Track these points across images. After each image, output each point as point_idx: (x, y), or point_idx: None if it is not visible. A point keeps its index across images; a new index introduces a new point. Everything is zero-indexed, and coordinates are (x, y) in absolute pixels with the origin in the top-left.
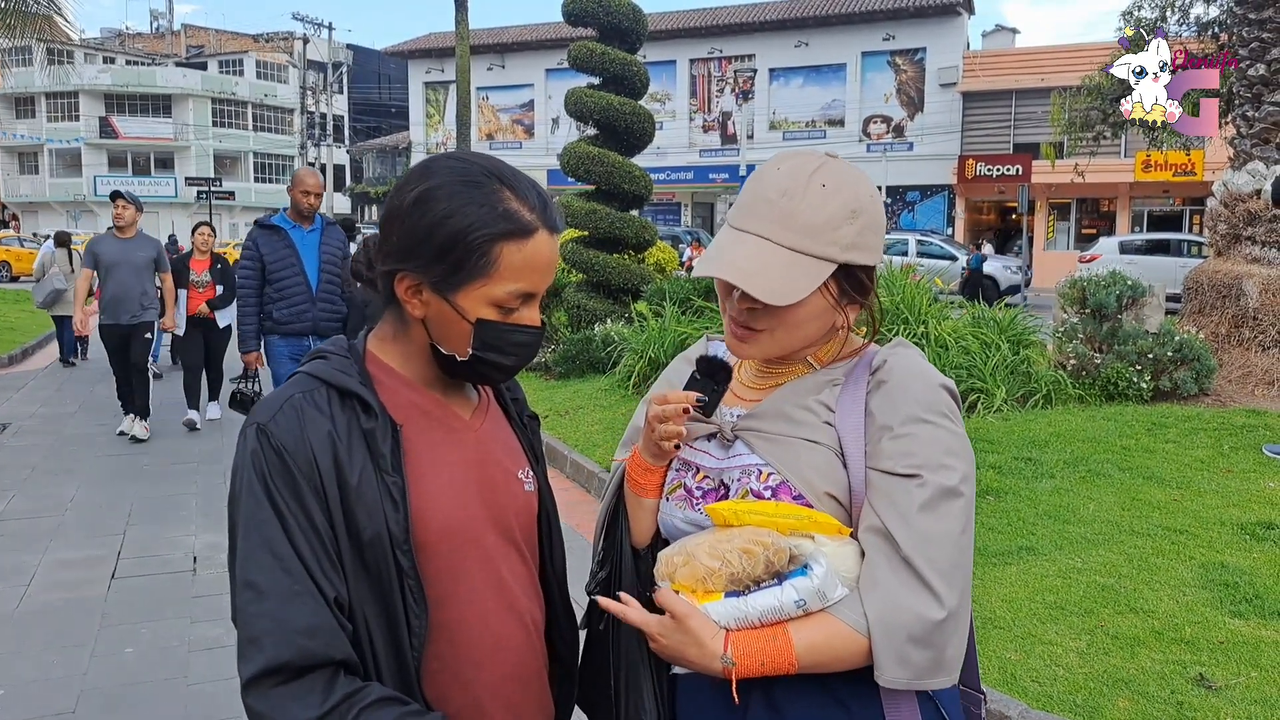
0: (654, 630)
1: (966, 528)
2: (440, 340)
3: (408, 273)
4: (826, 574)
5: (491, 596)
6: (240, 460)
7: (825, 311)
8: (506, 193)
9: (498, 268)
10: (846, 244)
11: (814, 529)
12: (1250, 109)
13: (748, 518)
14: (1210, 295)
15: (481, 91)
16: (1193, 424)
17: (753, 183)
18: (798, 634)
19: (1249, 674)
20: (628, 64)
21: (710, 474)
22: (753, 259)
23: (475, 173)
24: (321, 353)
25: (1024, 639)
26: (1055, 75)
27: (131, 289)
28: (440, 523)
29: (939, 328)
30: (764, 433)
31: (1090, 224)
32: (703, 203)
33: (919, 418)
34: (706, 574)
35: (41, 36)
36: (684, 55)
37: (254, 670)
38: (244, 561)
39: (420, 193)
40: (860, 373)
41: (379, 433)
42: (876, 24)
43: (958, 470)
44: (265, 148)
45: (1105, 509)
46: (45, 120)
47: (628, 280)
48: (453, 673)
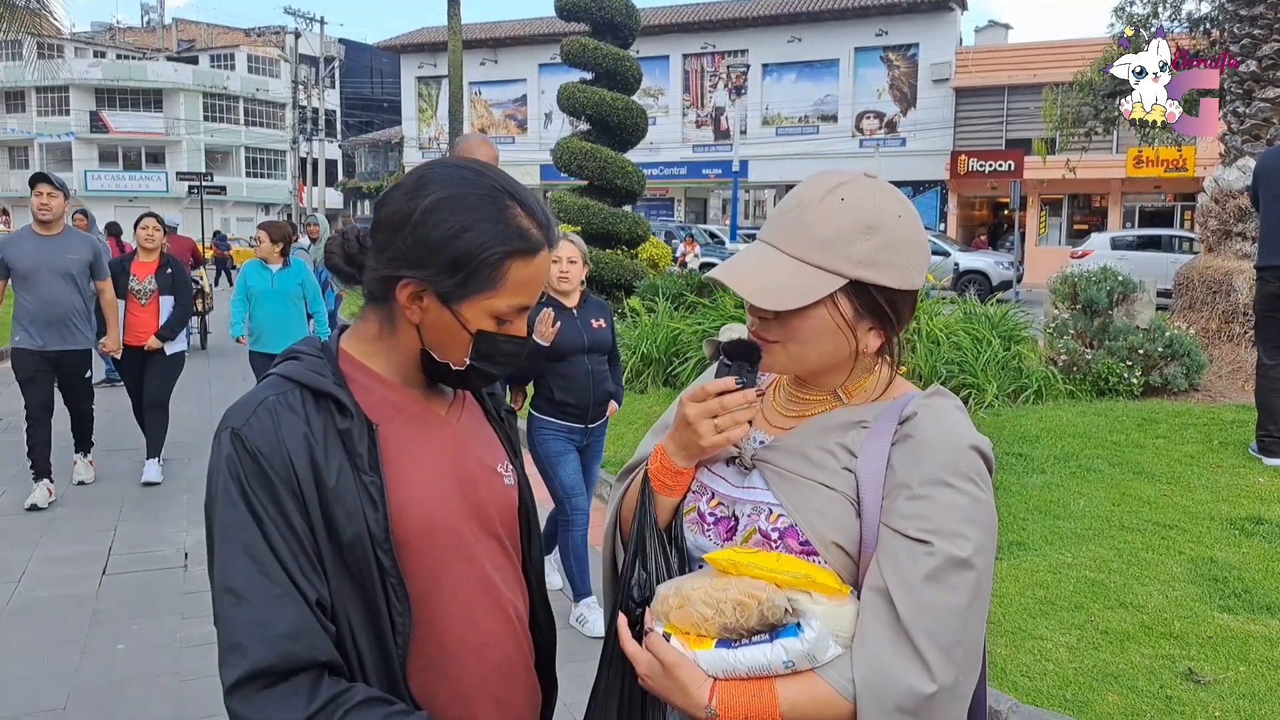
0: (642, 670)
1: (975, 600)
2: (436, 347)
3: (413, 280)
4: (818, 638)
5: (475, 591)
6: (215, 466)
7: (835, 331)
8: (518, 210)
9: (505, 282)
10: (858, 259)
11: (812, 587)
12: (1241, 105)
13: (746, 569)
14: (1201, 291)
15: (474, 86)
16: (1183, 419)
17: (784, 197)
18: (784, 691)
19: (1237, 668)
20: (621, 59)
21: (724, 501)
22: (756, 265)
23: (489, 187)
24: (294, 353)
25: (1014, 634)
26: (1047, 71)
27: (58, 302)
28: (420, 520)
29: (931, 323)
30: (781, 469)
31: (1082, 220)
32: (696, 198)
33: (940, 480)
34: (700, 620)
35: (31, 30)
36: (677, 50)
37: (237, 675)
38: (223, 567)
39: (434, 202)
40: (889, 420)
41: (355, 432)
42: (869, 19)
43: (972, 541)
44: (257, 142)
45: (1095, 504)
46: (35, 114)
47: (621, 276)
48: (438, 668)
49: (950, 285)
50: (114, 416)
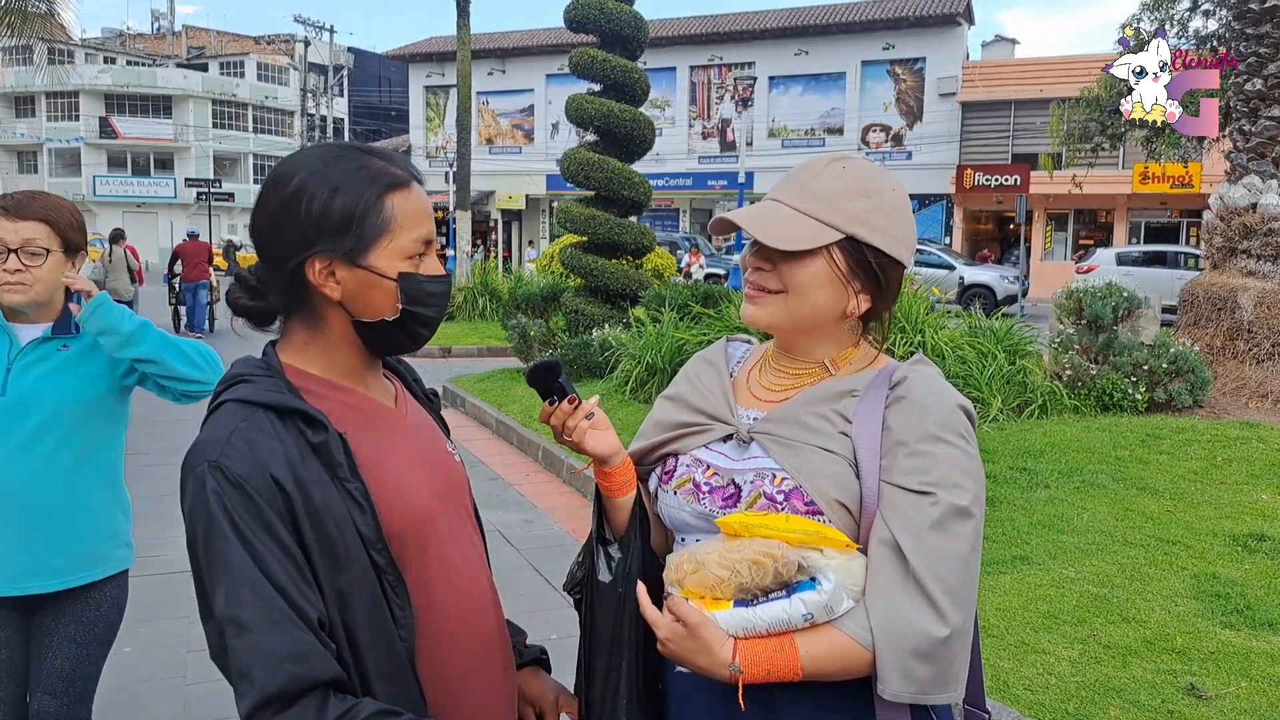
0: (663, 633)
1: (975, 548)
2: (364, 311)
3: (316, 255)
4: (834, 589)
5: (461, 569)
6: (197, 502)
7: (832, 283)
8: (372, 158)
9: (395, 219)
10: (854, 217)
11: (823, 543)
12: (1247, 123)
13: (758, 530)
14: (1205, 308)
15: (482, 96)
16: (1186, 436)
17: (794, 167)
18: (804, 645)
19: (1239, 684)
20: (629, 71)
21: (721, 472)
22: (765, 214)
23: (336, 150)
24: (241, 377)
25: (1017, 647)
26: (1054, 86)
27: None
28: (404, 513)
29: (935, 337)
30: (780, 438)
31: (1088, 235)
32: (701, 209)
33: (936, 436)
34: (716, 582)
35: (42, 35)
36: (684, 62)
37: (250, 705)
38: (225, 599)
39: (300, 181)
40: (879, 385)
41: (331, 444)
42: (876, 33)
43: (970, 491)
44: (265, 149)
45: (1099, 519)
46: (45, 120)
47: (626, 285)
48: (438, 649)
49: (955, 299)
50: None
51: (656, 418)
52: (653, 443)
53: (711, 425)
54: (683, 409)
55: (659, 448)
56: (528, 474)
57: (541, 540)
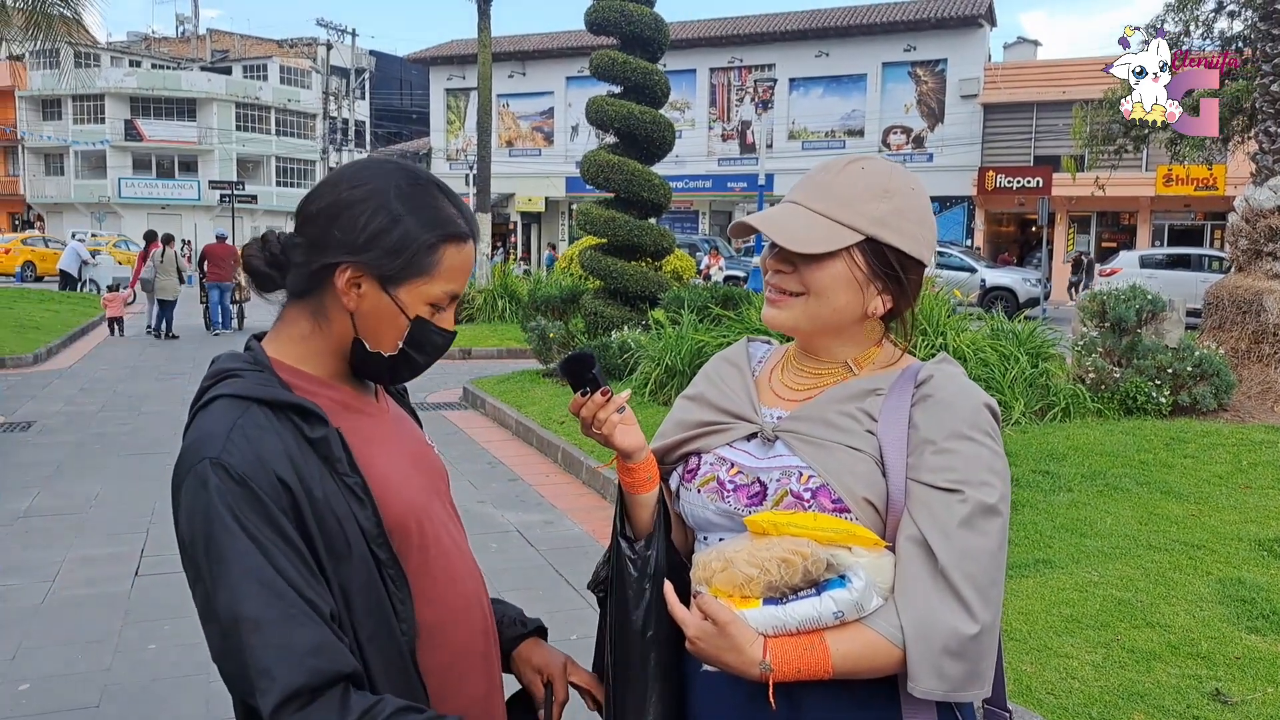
0: (693, 631)
1: (1002, 546)
2: (370, 335)
3: (352, 265)
4: (865, 587)
5: (453, 559)
6: (198, 501)
7: (852, 284)
8: (446, 200)
9: (441, 267)
10: (874, 218)
11: (852, 541)
12: (1273, 124)
13: (787, 529)
14: (1230, 310)
15: (502, 98)
16: (1211, 439)
17: (812, 168)
18: (835, 643)
19: (1265, 689)
20: (649, 73)
21: (746, 470)
22: (785, 216)
23: (419, 176)
24: (230, 371)
25: (1039, 651)
26: (1077, 88)
27: None
28: (400, 505)
29: (957, 339)
30: (806, 436)
31: (1111, 237)
32: (721, 211)
33: (963, 434)
34: (745, 581)
35: (68, 39)
36: (704, 64)
37: (274, 702)
38: (233, 597)
39: (369, 191)
40: (905, 384)
41: (330, 439)
42: (897, 35)
43: (997, 489)
44: (288, 152)
45: (1122, 523)
46: (71, 122)
47: (645, 287)
48: (436, 639)
49: (977, 301)
50: (149, 420)
51: (677, 417)
52: (674, 441)
53: (734, 424)
54: (704, 408)
55: (680, 446)
56: (547, 475)
57: (561, 541)
